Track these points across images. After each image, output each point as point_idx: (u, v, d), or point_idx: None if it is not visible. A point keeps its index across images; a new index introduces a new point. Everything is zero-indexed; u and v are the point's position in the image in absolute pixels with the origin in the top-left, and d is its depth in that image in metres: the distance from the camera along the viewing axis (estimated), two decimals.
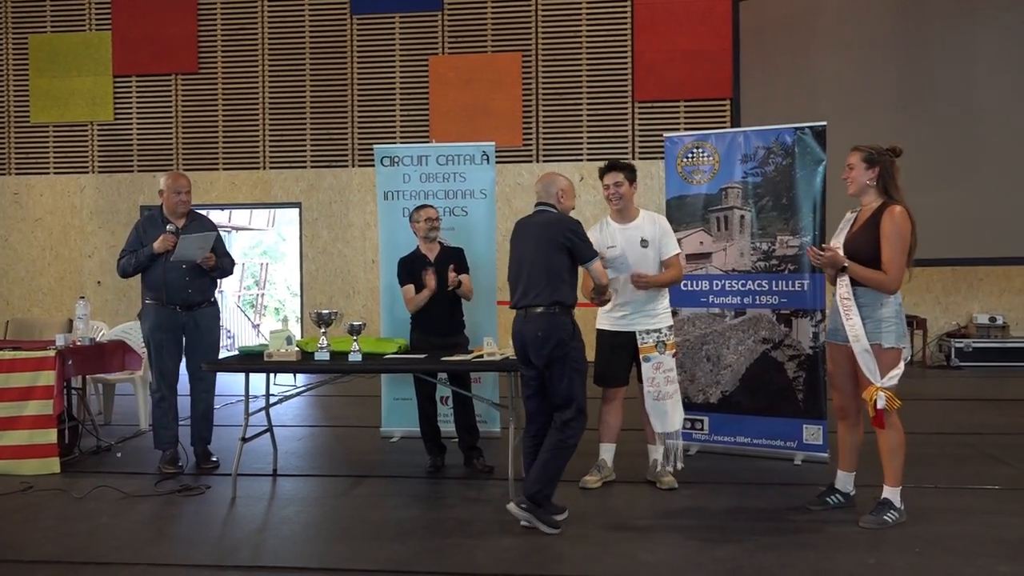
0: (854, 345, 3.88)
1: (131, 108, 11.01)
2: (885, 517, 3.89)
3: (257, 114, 10.83)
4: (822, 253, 3.91)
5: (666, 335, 4.65)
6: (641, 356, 4.62)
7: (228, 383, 5.86)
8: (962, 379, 8.73)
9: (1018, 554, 3.55)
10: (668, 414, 4.65)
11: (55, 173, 11.13)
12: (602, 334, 4.78)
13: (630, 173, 4.69)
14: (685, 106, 10.27)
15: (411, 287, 5.11)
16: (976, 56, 9.78)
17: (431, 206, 5.30)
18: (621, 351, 4.67)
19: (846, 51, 10.03)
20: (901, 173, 3.98)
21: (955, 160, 9.49)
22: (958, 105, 9.72)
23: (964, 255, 9.50)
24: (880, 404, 3.80)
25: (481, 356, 4.65)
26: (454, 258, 5.21)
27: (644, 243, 4.63)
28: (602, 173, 4.72)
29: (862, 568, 3.43)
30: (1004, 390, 8.01)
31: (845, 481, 4.16)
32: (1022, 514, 4.09)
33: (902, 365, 3.89)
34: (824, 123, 5.20)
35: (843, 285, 3.93)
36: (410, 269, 5.17)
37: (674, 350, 4.69)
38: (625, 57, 10.35)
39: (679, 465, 4.67)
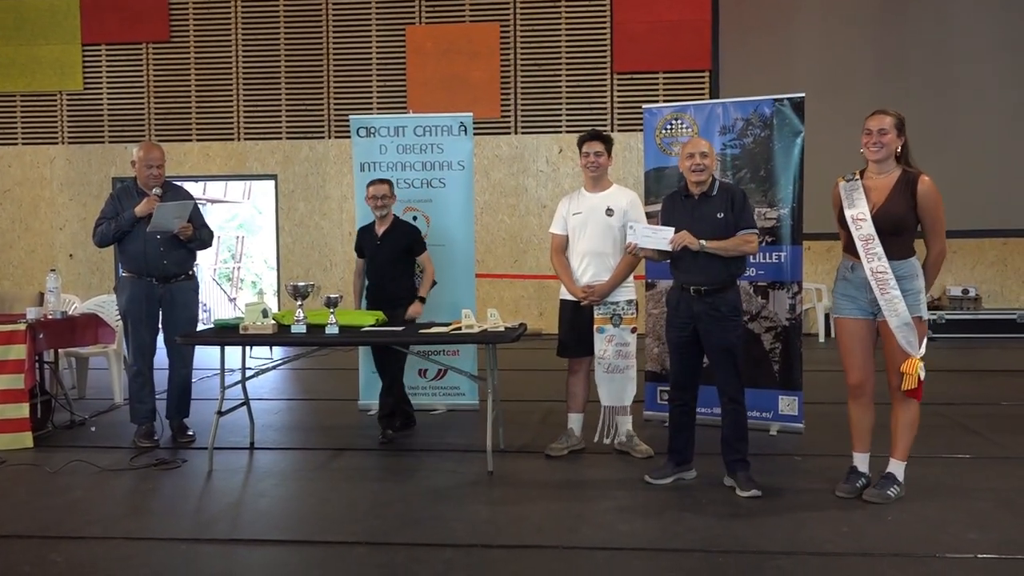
0: (892, 320, 3.74)
1: (101, 77, 10.77)
2: (888, 492, 3.86)
3: (231, 84, 10.65)
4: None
5: (624, 309, 4.64)
6: (595, 327, 4.64)
7: (204, 356, 5.80)
8: (935, 350, 8.80)
9: (987, 522, 3.61)
10: (617, 388, 4.68)
11: (23, 144, 10.89)
12: (564, 304, 4.81)
13: (609, 145, 4.71)
14: (664, 77, 10.22)
15: (360, 264, 5.40)
16: (953, 32, 9.81)
17: (382, 181, 5.31)
18: (582, 321, 4.69)
19: (825, 23, 10.02)
20: None
21: (931, 134, 9.53)
22: (935, 79, 9.76)
23: None
24: (923, 376, 3.73)
25: (459, 328, 4.64)
26: (405, 238, 5.25)
27: (609, 212, 4.63)
28: (582, 141, 4.72)
29: (836, 536, 3.47)
30: (976, 361, 8.13)
31: (864, 461, 4.02)
32: (991, 483, 4.16)
33: None
34: (803, 95, 5.19)
35: (877, 258, 3.75)
36: (360, 241, 5.38)
37: (633, 325, 4.68)
38: (604, 28, 10.26)
39: (621, 439, 4.72)
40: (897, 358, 3.79)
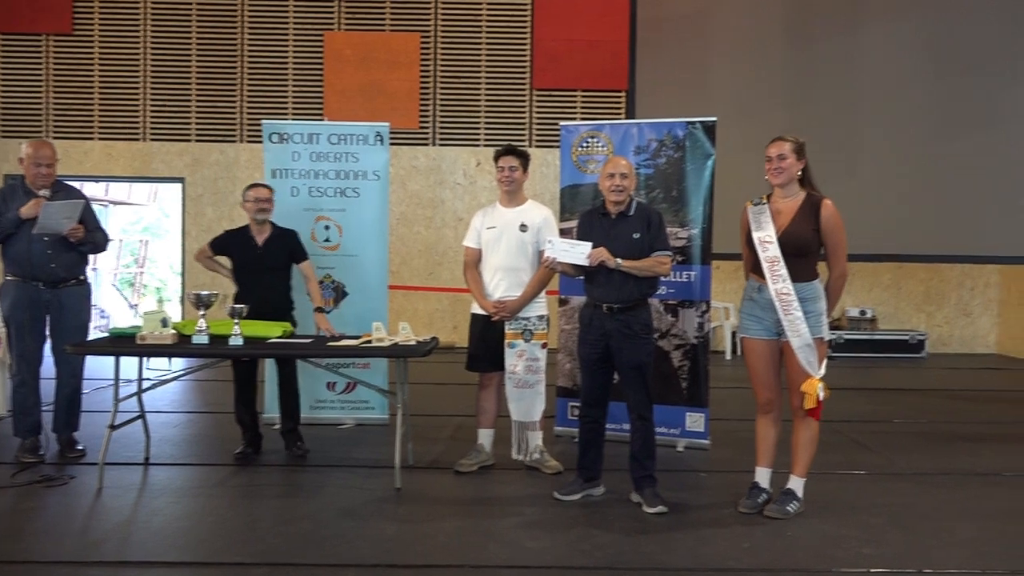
0: (794, 340, 3.83)
1: None
2: (788, 507, 3.95)
3: (138, 81, 10.23)
4: None
5: (535, 324, 4.65)
6: (506, 342, 4.63)
7: (99, 366, 5.52)
8: (834, 369, 9.07)
9: (880, 537, 3.74)
10: (526, 404, 4.69)
11: None
12: (475, 318, 4.78)
13: (524, 160, 4.70)
14: (582, 96, 10.35)
15: (208, 252, 5.07)
16: (856, 64, 10.28)
17: (263, 185, 5.13)
18: (493, 336, 4.67)
19: (737, 51, 10.35)
20: None
21: (833, 161, 9.95)
22: (839, 109, 10.20)
23: None
24: (822, 396, 3.83)
25: (370, 341, 4.55)
26: (287, 243, 5.08)
27: (523, 227, 4.63)
28: (497, 156, 4.71)
29: (737, 551, 3.54)
30: (872, 380, 8.48)
31: (766, 477, 4.12)
32: (885, 499, 4.32)
33: None
34: (714, 118, 5.32)
35: (781, 280, 3.84)
36: (225, 244, 5.07)
37: (544, 340, 4.68)
38: (524, 44, 10.33)
39: (534, 456, 4.72)
40: (798, 378, 3.90)
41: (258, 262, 4.97)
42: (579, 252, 4.06)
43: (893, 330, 10.29)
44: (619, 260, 4.02)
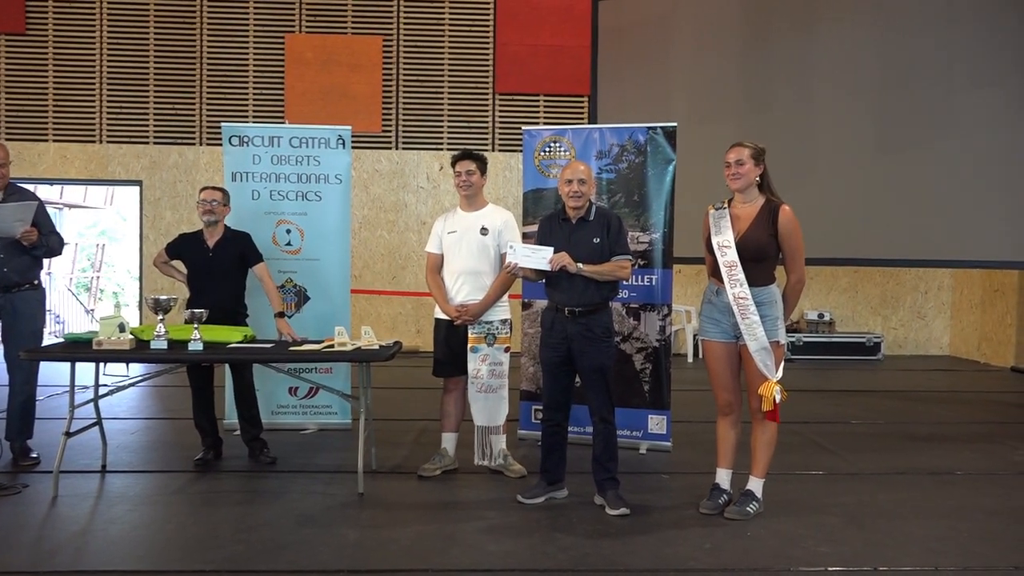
0: (751, 343, 3.88)
1: None
2: (747, 508, 4.01)
3: (93, 82, 10.05)
4: None
5: (498, 328, 4.66)
6: (469, 346, 4.64)
7: (54, 372, 5.41)
8: (792, 371, 9.29)
9: (837, 536, 3.81)
10: (490, 408, 4.68)
11: None
12: (438, 323, 4.78)
13: (482, 164, 4.71)
14: (545, 100, 10.40)
15: (163, 256, 5.04)
16: (813, 70, 10.46)
17: (213, 188, 5.05)
18: (456, 341, 4.67)
19: (697, 58, 10.47)
20: None
21: (790, 168, 10.12)
22: (798, 115, 10.37)
23: None
24: (779, 398, 3.89)
25: (332, 346, 4.52)
26: (238, 246, 5.02)
27: (484, 231, 4.64)
28: (455, 161, 4.72)
29: (698, 552, 3.58)
30: (829, 381, 8.63)
31: (727, 478, 4.16)
32: (841, 498, 4.40)
33: None
34: (675, 124, 5.39)
35: (739, 284, 3.89)
36: (179, 248, 5.03)
37: (507, 344, 4.70)
38: (487, 48, 10.35)
39: (498, 460, 4.73)
40: (756, 381, 3.96)
41: (208, 265, 4.90)
42: (540, 257, 4.08)
43: (850, 333, 10.49)
44: (580, 265, 4.05)
